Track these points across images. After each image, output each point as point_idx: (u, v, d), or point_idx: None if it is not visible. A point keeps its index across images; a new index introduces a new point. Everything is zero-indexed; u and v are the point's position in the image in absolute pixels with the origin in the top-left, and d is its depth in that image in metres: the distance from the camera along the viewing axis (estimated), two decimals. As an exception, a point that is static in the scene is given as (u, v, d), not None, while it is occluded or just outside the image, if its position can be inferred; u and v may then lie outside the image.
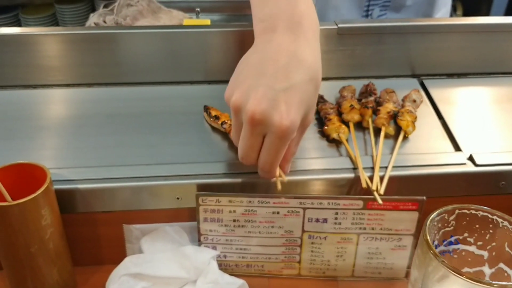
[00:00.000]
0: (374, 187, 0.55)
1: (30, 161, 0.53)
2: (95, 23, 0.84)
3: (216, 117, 0.65)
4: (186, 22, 0.89)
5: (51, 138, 0.65)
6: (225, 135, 0.65)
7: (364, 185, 0.56)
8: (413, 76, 0.78)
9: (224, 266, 0.60)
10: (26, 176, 0.53)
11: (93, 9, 1.84)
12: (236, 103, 0.49)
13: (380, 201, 0.54)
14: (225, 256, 0.60)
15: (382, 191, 0.55)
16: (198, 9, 0.94)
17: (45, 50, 0.74)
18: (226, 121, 0.64)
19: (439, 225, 0.46)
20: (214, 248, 0.59)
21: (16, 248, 0.51)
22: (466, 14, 1.81)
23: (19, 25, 1.86)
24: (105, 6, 0.91)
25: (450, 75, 0.79)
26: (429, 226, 0.44)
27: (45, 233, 0.52)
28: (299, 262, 0.60)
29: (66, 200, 0.56)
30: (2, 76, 0.74)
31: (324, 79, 0.77)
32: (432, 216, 0.45)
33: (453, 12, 1.81)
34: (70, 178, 0.57)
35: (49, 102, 0.73)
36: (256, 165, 0.53)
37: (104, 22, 0.84)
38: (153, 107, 0.71)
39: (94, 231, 0.60)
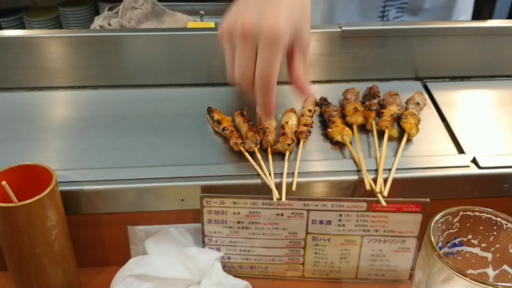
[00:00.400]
0: (377, 189, 0.55)
1: (35, 162, 0.53)
2: (100, 26, 0.85)
3: (218, 122, 0.65)
4: (191, 25, 0.90)
5: (56, 140, 0.65)
6: (228, 137, 0.65)
7: (368, 187, 0.56)
8: (417, 79, 0.78)
9: (228, 268, 0.61)
10: (32, 178, 0.53)
11: (97, 12, 1.84)
12: (227, 28, 0.52)
13: (383, 203, 0.54)
14: (229, 258, 0.60)
15: (385, 193, 0.55)
16: (202, 12, 0.95)
17: (50, 53, 0.74)
18: (227, 127, 0.64)
19: (443, 227, 0.46)
20: (218, 249, 0.59)
21: (22, 249, 0.52)
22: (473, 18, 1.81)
23: (23, 27, 1.86)
24: (110, 9, 0.92)
25: (453, 78, 0.79)
26: (433, 228, 0.44)
27: (50, 234, 0.52)
28: (303, 264, 0.60)
29: (71, 202, 0.56)
30: (8, 78, 0.74)
31: (327, 81, 0.78)
32: (436, 218, 0.45)
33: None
34: (75, 180, 0.57)
35: (54, 104, 0.74)
36: (253, 89, 0.53)
37: (109, 24, 0.84)
38: (158, 109, 0.71)
39: (99, 232, 0.60)
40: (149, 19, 0.85)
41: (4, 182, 0.49)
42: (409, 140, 0.64)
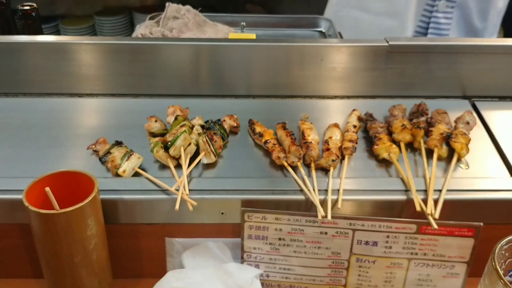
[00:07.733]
0: (428, 211, 0.53)
1: (77, 169, 0.53)
2: (141, 34, 0.84)
3: (260, 135, 0.64)
4: (232, 35, 0.89)
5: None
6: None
7: (418, 208, 0.53)
8: (464, 97, 0.76)
9: (266, 286, 0.58)
10: (73, 184, 0.52)
11: (132, 22, 1.86)
12: None
13: (435, 226, 0.51)
14: (267, 276, 0.58)
15: (437, 216, 0.52)
16: (243, 24, 0.94)
17: (92, 59, 0.74)
18: (269, 140, 0.63)
19: (507, 254, 0.44)
20: (257, 266, 0.57)
21: (60, 257, 0.51)
22: (506, 36, 1.77)
23: (59, 35, 1.89)
24: (151, 18, 0.92)
25: (502, 98, 0.76)
26: (498, 255, 0.41)
27: (89, 243, 0.51)
28: (345, 285, 0.57)
29: (109, 210, 0.55)
30: (50, 84, 0.74)
31: (370, 97, 0.76)
32: (501, 243, 0.42)
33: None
34: (114, 188, 0.56)
35: (94, 111, 0.73)
36: None
37: (151, 33, 0.84)
38: (197, 119, 0.70)
39: (136, 243, 0.59)
40: (190, 29, 0.85)
41: (47, 189, 0.48)
42: (458, 161, 0.61)
